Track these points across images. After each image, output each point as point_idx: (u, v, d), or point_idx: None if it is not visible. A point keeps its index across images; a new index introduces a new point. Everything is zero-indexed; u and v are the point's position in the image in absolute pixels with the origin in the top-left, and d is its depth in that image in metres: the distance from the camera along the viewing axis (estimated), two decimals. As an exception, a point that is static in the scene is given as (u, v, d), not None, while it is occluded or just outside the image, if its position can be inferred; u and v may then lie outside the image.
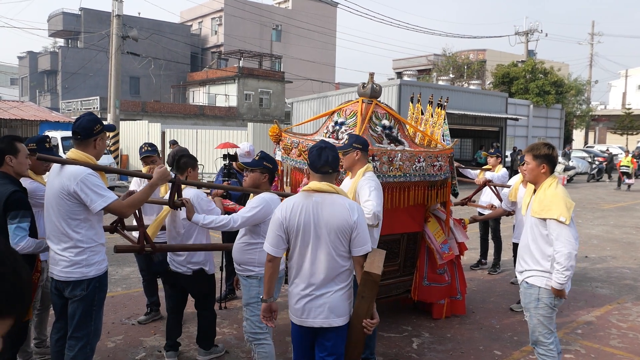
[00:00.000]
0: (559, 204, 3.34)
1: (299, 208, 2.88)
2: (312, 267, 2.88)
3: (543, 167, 3.49)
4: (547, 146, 3.55)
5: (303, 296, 2.91)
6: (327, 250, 2.85)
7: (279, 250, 2.94)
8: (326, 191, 2.89)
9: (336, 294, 2.88)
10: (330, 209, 2.85)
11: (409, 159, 4.57)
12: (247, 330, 3.66)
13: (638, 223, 11.93)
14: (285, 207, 2.92)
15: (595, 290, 6.56)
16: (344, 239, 2.85)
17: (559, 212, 3.31)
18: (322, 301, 2.88)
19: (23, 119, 20.07)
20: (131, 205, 3.22)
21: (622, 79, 50.64)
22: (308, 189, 2.93)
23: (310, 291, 2.89)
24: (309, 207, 2.87)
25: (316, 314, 2.89)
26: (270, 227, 2.95)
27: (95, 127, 3.16)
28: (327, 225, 2.83)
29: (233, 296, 5.86)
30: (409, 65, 42.34)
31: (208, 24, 44.04)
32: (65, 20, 38.04)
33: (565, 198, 3.38)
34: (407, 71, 24.88)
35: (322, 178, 2.92)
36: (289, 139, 5.00)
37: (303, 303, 2.92)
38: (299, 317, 2.95)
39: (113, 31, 17.97)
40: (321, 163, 2.89)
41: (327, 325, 2.89)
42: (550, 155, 3.50)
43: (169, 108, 32.26)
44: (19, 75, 46.32)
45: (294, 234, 2.89)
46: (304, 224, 2.85)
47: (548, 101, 28.91)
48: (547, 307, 3.47)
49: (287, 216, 2.88)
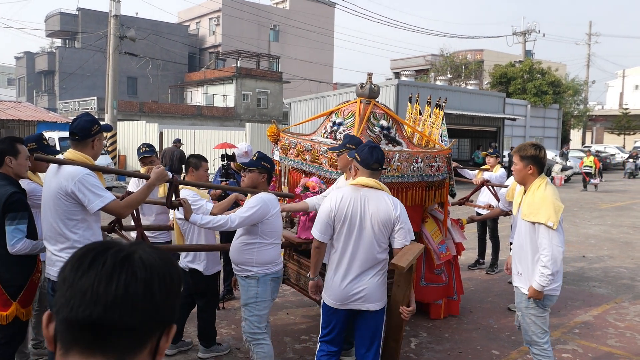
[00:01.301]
0: (548, 207, 3.32)
1: (348, 199, 3.16)
2: (354, 255, 3.16)
3: (530, 168, 3.47)
4: (534, 147, 3.52)
5: (343, 281, 3.17)
6: (370, 240, 3.14)
7: (326, 236, 3.24)
8: (373, 187, 3.20)
9: (372, 280, 3.18)
10: (377, 203, 3.14)
11: (406, 159, 4.57)
12: (245, 330, 3.67)
13: (635, 222, 11.96)
14: (335, 198, 3.21)
15: (592, 290, 6.57)
16: (386, 232, 3.17)
17: (547, 216, 3.31)
18: (361, 287, 3.15)
19: (20, 119, 20.02)
20: (129, 206, 3.21)
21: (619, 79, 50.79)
22: (357, 183, 3.19)
23: (352, 277, 3.16)
24: (357, 200, 3.16)
25: (355, 299, 3.16)
26: (320, 216, 3.25)
27: (93, 127, 3.15)
28: (372, 218, 3.13)
29: (231, 296, 5.85)
30: (406, 66, 42.36)
31: (206, 24, 44.01)
32: (62, 21, 37.95)
33: (555, 201, 3.36)
34: (404, 71, 24.90)
35: (370, 174, 3.21)
36: (287, 139, 5.00)
37: (343, 287, 3.17)
38: (339, 301, 3.20)
39: (110, 31, 17.94)
40: (373, 160, 3.19)
41: (364, 308, 3.18)
42: (537, 156, 3.47)
43: (166, 108, 32.23)
44: (16, 75, 46.22)
45: (341, 223, 3.17)
46: (352, 215, 3.14)
47: (545, 101, 28.95)
48: (538, 307, 3.48)
49: (337, 206, 3.17)
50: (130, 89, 38.87)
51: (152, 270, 0.86)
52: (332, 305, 3.23)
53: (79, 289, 0.83)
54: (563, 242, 3.38)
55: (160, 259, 0.89)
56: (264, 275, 3.61)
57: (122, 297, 0.82)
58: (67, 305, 0.83)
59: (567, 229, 10.99)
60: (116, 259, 0.85)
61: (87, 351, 0.83)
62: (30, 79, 41.48)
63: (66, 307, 0.83)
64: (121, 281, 0.83)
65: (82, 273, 0.84)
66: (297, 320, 5.31)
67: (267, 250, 3.63)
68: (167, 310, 0.87)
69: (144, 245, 0.91)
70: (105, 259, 0.85)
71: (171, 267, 0.90)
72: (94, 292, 0.82)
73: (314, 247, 3.32)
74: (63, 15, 38.09)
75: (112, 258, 0.85)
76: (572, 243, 9.51)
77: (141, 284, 0.84)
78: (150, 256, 0.88)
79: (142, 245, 0.90)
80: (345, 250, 3.18)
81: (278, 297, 4.38)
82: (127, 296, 0.82)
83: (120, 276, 0.83)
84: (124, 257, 0.86)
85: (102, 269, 0.84)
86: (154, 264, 0.87)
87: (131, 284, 0.83)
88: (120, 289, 0.82)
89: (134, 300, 0.83)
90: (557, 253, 3.33)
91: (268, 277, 3.63)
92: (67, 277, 0.85)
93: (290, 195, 4.43)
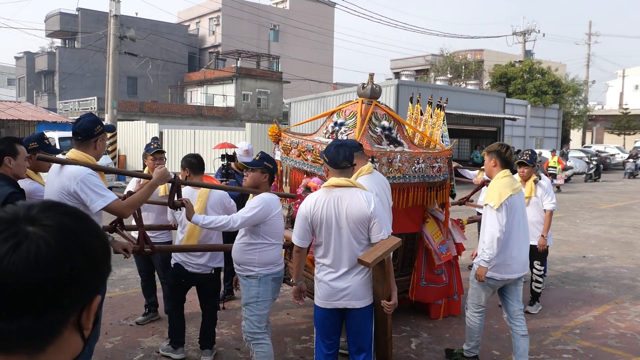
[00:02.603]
0: (494, 191, 3.86)
1: (321, 203, 3.19)
2: (336, 255, 3.20)
3: (494, 161, 4.05)
4: (500, 145, 4.13)
5: (329, 281, 3.23)
6: (349, 239, 3.16)
7: (305, 242, 3.30)
8: (345, 185, 3.21)
9: (356, 278, 3.21)
10: (350, 201, 3.15)
11: (408, 160, 4.58)
12: (245, 330, 3.67)
13: (635, 223, 11.96)
14: (309, 203, 3.25)
15: (593, 290, 6.57)
16: (364, 228, 3.18)
17: (490, 198, 3.85)
18: (346, 285, 3.19)
19: (20, 119, 20.01)
20: (131, 206, 3.21)
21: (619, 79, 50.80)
22: (328, 184, 3.22)
23: (335, 277, 3.21)
24: (330, 202, 3.18)
25: (340, 297, 3.21)
26: (297, 222, 3.30)
27: (96, 128, 3.16)
28: (348, 217, 3.14)
29: (231, 297, 5.86)
30: (406, 66, 42.34)
31: (206, 24, 44.00)
32: (62, 21, 37.90)
33: (502, 188, 3.85)
34: (404, 71, 24.92)
35: (340, 173, 3.23)
36: (289, 139, 4.99)
37: (329, 287, 3.22)
38: (325, 300, 3.25)
39: (110, 31, 17.94)
40: (340, 159, 3.20)
41: (350, 307, 3.22)
42: (499, 151, 4.04)
43: (166, 108, 32.21)
44: (16, 75, 46.19)
45: (318, 226, 3.21)
46: (327, 217, 3.17)
47: (545, 101, 28.95)
48: (475, 281, 4.06)
49: (311, 211, 3.21)
50: (130, 89, 38.84)
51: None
52: (321, 305, 3.28)
53: None
54: (504, 224, 3.80)
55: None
56: (266, 275, 3.61)
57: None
58: None
59: (567, 229, 10.99)
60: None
61: None
62: (30, 79, 41.45)
63: None
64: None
65: None
66: (298, 321, 5.31)
67: (269, 251, 3.64)
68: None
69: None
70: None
71: None
72: None
73: (294, 251, 3.37)
74: (63, 15, 38.04)
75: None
76: (572, 243, 9.51)
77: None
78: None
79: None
80: (328, 251, 3.22)
81: (278, 297, 4.37)
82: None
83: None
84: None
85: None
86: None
87: None
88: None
89: None
90: (494, 231, 3.79)
91: (269, 277, 3.64)
92: None
93: (292, 196, 4.43)
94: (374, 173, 4.05)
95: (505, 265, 3.93)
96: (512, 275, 3.98)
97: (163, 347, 4.44)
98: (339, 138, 4.61)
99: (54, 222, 0.78)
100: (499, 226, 3.77)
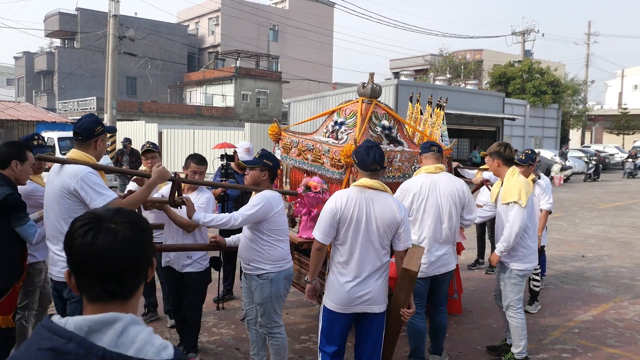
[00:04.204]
0: (516, 189, 4.01)
1: (353, 201, 3.08)
2: (361, 258, 3.09)
3: (496, 162, 4.22)
4: (498, 144, 4.28)
5: (350, 284, 3.10)
6: (376, 243, 3.09)
7: (328, 239, 3.14)
8: (377, 189, 3.13)
9: (377, 282, 3.15)
10: (382, 205, 3.09)
11: (408, 159, 4.58)
12: (262, 324, 3.73)
13: (634, 222, 11.97)
14: (340, 198, 3.10)
15: (592, 290, 6.58)
16: (390, 234, 3.14)
17: (517, 196, 3.99)
18: (368, 290, 3.11)
19: (19, 119, 20.01)
20: (130, 205, 3.21)
21: (618, 79, 50.84)
22: (360, 184, 3.12)
23: (358, 282, 3.09)
24: (363, 202, 3.08)
25: (360, 302, 3.11)
26: (323, 216, 3.13)
27: (96, 128, 3.17)
28: (378, 220, 3.07)
29: (230, 297, 5.86)
30: (406, 65, 42.37)
31: (205, 24, 43.98)
32: (61, 21, 37.87)
33: (525, 185, 4.04)
34: (404, 71, 24.91)
35: (371, 175, 3.14)
36: (289, 138, 4.99)
37: (348, 290, 3.10)
38: (343, 305, 3.13)
39: (110, 31, 17.93)
40: (370, 161, 3.11)
41: (370, 311, 3.16)
42: (499, 151, 4.20)
43: (166, 108, 32.20)
44: (15, 75, 46.16)
45: (346, 225, 3.08)
46: (357, 217, 3.06)
47: (545, 101, 28.97)
48: (512, 279, 4.24)
49: (342, 207, 3.07)
50: (129, 89, 38.83)
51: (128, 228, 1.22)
52: (335, 309, 3.16)
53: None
54: (524, 222, 4.01)
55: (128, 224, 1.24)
56: (277, 273, 3.62)
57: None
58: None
59: (567, 228, 11.00)
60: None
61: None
62: (29, 79, 41.42)
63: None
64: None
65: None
66: (297, 320, 5.31)
67: (276, 247, 3.64)
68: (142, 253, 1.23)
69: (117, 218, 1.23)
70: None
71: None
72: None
73: (314, 248, 3.21)
74: (62, 15, 38.00)
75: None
76: (571, 243, 9.52)
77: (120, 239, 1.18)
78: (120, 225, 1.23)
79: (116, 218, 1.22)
80: (352, 253, 3.10)
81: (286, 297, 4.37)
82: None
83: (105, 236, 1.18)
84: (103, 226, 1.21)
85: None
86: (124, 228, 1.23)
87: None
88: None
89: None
90: (517, 227, 3.99)
91: (281, 275, 3.64)
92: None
93: (294, 193, 4.43)
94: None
95: (534, 254, 4.25)
96: (536, 263, 4.33)
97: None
98: (339, 137, 4.61)
99: (125, 220, 1.21)
100: (521, 222, 3.98)
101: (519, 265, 4.17)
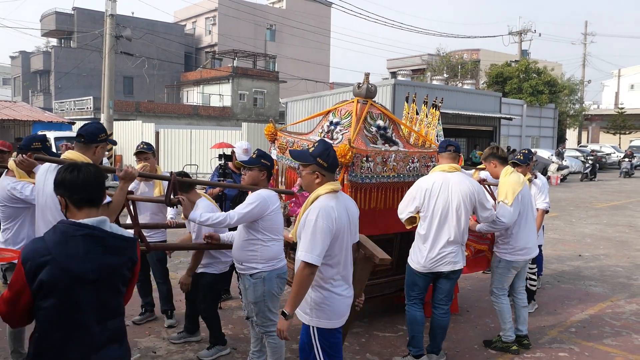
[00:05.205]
0: (505, 189, 4.30)
1: (341, 211, 2.88)
2: (348, 267, 3.04)
3: (493, 163, 4.54)
4: (490, 148, 4.64)
5: (347, 297, 3.01)
6: (350, 249, 3.05)
7: (321, 259, 2.82)
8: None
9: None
10: (354, 208, 3.10)
11: (403, 159, 4.59)
12: (257, 323, 3.74)
13: (631, 222, 12.01)
14: (331, 217, 2.83)
15: (588, 289, 6.60)
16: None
17: (503, 195, 4.30)
18: (350, 298, 3.07)
19: (16, 119, 19.93)
20: (114, 210, 3.14)
21: (614, 79, 50.95)
22: (331, 191, 2.92)
23: (350, 292, 3.04)
24: (342, 209, 2.92)
25: (347, 312, 3.06)
26: (320, 238, 2.79)
27: (100, 134, 3.25)
28: (353, 223, 3.04)
29: (228, 296, 5.85)
30: (403, 65, 42.40)
31: (202, 24, 43.93)
32: (58, 20, 37.75)
33: (513, 185, 4.31)
34: (401, 71, 24.94)
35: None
36: (285, 138, 4.99)
37: (348, 304, 3.02)
38: (344, 318, 3.01)
39: (106, 31, 17.88)
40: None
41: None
42: (493, 152, 4.55)
43: (162, 108, 32.15)
44: (11, 75, 46.01)
45: (338, 238, 2.88)
46: (344, 227, 2.91)
47: (541, 101, 29.03)
48: (500, 267, 4.62)
49: (335, 221, 2.84)
50: (126, 88, 38.73)
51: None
52: (338, 325, 2.98)
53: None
54: (511, 219, 4.29)
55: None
56: (269, 272, 3.63)
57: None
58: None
59: (563, 228, 11.02)
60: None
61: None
62: (26, 79, 41.30)
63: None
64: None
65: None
66: (296, 320, 5.29)
67: (269, 247, 3.65)
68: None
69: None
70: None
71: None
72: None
73: (308, 274, 2.80)
74: (59, 15, 37.88)
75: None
76: (568, 242, 9.54)
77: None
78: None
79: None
80: (346, 264, 2.98)
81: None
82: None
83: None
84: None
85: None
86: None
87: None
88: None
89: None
90: (506, 221, 4.27)
91: (274, 274, 3.65)
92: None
93: (290, 192, 4.43)
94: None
95: (526, 248, 4.49)
96: (529, 256, 4.58)
97: (173, 337, 4.69)
98: (334, 137, 4.61)
99: (91, 165, 2.31)
100: (506, 219, 4.25)
101: (507, 257, 4.48)
